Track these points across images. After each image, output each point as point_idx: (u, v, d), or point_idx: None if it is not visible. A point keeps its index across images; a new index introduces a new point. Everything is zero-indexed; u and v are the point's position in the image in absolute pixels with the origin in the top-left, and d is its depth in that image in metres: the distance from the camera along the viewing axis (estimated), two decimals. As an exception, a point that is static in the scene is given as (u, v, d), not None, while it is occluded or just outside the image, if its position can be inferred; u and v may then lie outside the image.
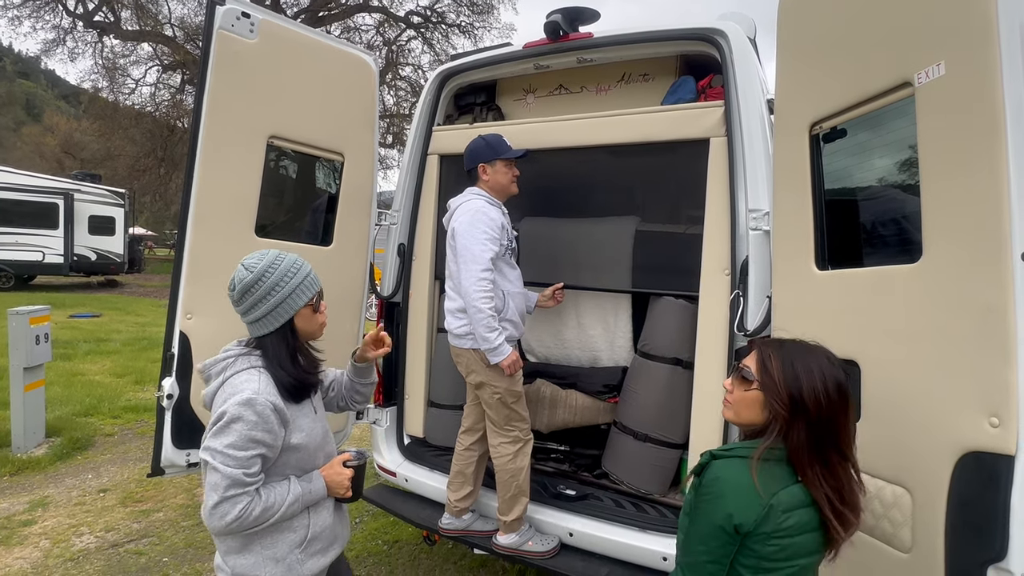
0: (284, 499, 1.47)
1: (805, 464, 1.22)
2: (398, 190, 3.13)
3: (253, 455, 1.41)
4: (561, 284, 2.86)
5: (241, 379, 1.46)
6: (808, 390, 1.23)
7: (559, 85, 3.00)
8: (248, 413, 1.40)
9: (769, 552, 1.19)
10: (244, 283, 1.48)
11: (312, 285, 1.56)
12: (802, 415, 1.22)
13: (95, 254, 17.07)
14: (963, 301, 1.30)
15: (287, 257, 1.55)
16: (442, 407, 3.07)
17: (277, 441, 1.46)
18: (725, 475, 1.23)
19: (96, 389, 6.48)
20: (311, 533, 1.55)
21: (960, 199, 1.31)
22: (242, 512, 1.39)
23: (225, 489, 1.38)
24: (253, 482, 1.42)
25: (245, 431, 1.40)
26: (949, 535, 1.31)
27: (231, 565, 1.50)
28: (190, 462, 2.56)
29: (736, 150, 2.26)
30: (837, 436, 1.23)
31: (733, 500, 1.20)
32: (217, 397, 1.47)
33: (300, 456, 1.54)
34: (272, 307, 1.50)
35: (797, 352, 1.29)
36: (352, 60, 2.87)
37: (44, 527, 3.56)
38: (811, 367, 1.25)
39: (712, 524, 1.21)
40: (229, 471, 1.38)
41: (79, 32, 19.22)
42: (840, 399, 1.24)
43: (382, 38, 21.01)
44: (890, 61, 1.50)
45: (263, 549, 1.49)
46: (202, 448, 1.42)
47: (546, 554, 2.47)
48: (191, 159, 2.45)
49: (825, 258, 1.79)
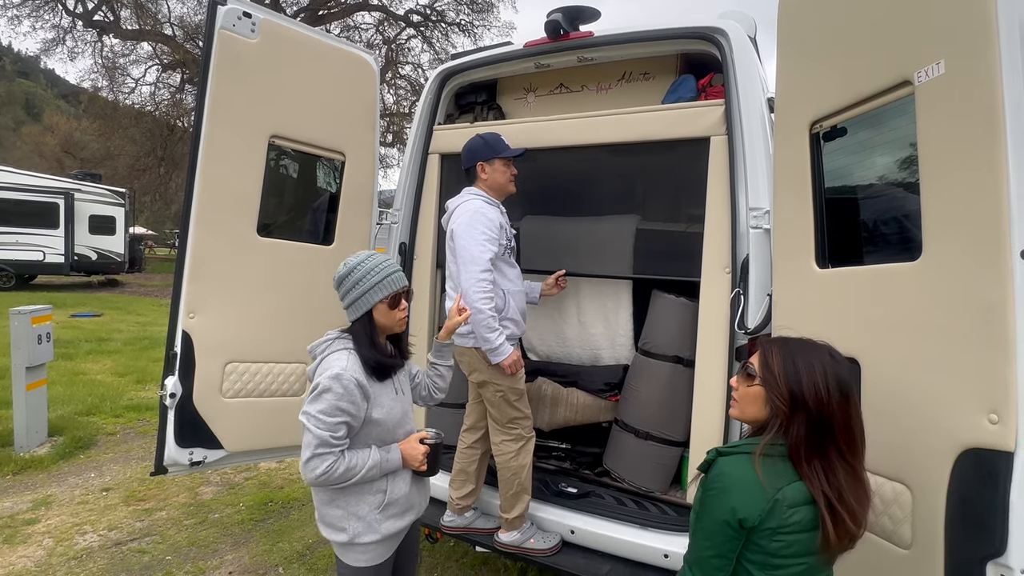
0: (365, 463, 1.72)
1: (803, 459, 1.23)
2: (399, 189, 3.14)
3: (339, 421, 1.68)
4: (563, 271, 2.85)
5: (334, 357, 1.74)
6: (808, 385, 1.24)
7: (560, 84, 3.01)
8: (336, 385, 1.67)
9: (776, 548, 1.20)
10: (339, 275, 1.80)
11: (391, 285, 1.79)
12: (802, 410, 1.23)
13: (96, 254, 17.08)
14: (963, 299, 1.31)
15: (376, 258, 1.82)
16: (444, 406, 3.06)
17: (360, 412, 1.73)
18: (730, 471, 1.24)
19: (98, 388, 6.49)
20: (388, 498, 1.80)
21: (960, 197, 1.31)
22: (328, 468, 1.66)
23: (315, 447, 1.65)
24: (339, 444, 1.68)
25: (333, 400, 1.67)
26: (949, 531, 1.32)
27: (322, 515, 1.81)
28: (193, 461, 2.57)
29: (736, 149, 2.26)
30: (836, 433, 1.23)
31: (738, 495, 1.21)
32: (316, 371, 1.75)
33: (380, 430, 1.80)
34: (355, 298, 1.78)
35: (800, 349, 1.30)
36: (353, 59, 2.88)
37: (47, 526, 3.58)
38: (812, 363, 1.26)
39: (717, 519, 1.22)
40: (319, 432, 1.65)
41: (78, 31, 19.20)
42: (842, 396, 1.24)
43: (382, 37, 20.99)
44: (890, 60, 1.50)
45: (348, 506, 1.77)
46: (301, 412, 1.70)
47: (548, 551, 2.48)
48: (192, 159, 2.46)
49: (825, 256, 1.80)
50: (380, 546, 1.83)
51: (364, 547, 1.80)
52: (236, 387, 2.65)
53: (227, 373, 2.61)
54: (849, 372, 1.29)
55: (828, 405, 1.22)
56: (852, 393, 1.27)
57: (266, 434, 2.76)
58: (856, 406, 1.28)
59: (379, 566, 1.84)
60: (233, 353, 2.62)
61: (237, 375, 2.65)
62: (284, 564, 3.27)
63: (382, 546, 1.83)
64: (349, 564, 1.83)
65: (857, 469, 1.25)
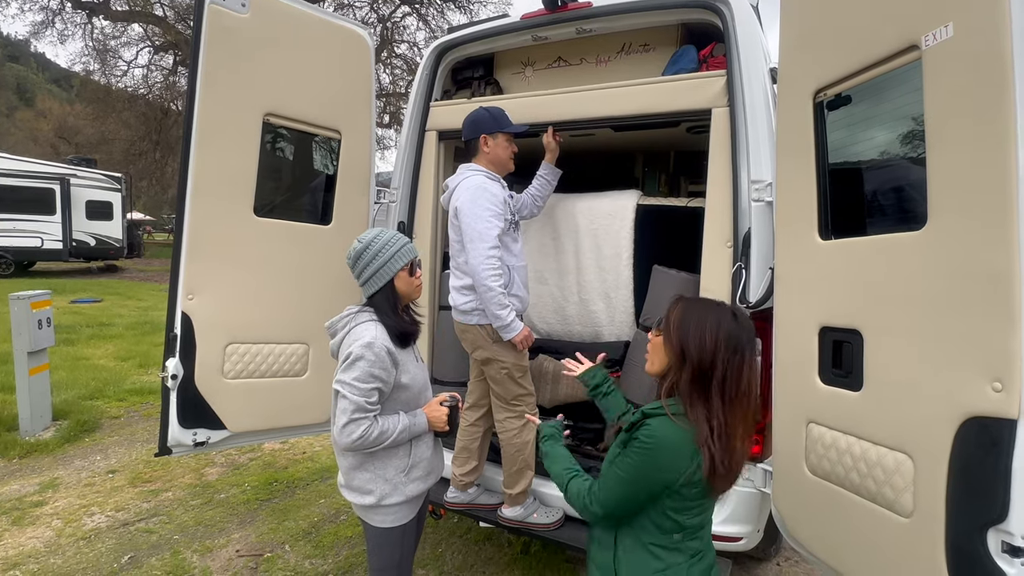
0: (396, 427, 1.83)
1: (687, 401, 1.35)
2: (396, 167, 3.10)
3: (372, 387, 1.78)
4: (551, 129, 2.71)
5: (363, 328, 1.83)
6: (694, 335, 1.36)
7: (558, 58, 2.95)
8: (368, 353, 1.76)
9: (694, 494, 1.36)
10: (356, 251, 1.88)
11: (408, 253, 1.91)
12: (688, 360, 1.36)
13: (94, 239, 17.04)
14: (968, 267, 1.29)
15: (388, 232, 1.92)
16: (446, 384, 3.08)
17: (390, 378, 1.83)
18: (659, 432, 1.35)
19: (101, 373, 6.52)
20: (412, 461, 1.91)
21: (967, 164, 1.29)
22: (364, 432, 1.75)
23: (352, 413, 1.74)
24: (373, 410, 1.79)
25: (367, 368, 1.76)
26: (950, 499, 1.33)
27: (349, 480, 1.90)
28: (196, 441, 2.58)
29: (739, 120, 2.22)
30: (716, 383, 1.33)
31: (665, 458, 1.33)
32: (344, 343, 1.85)
33: (408, 395, 1.91)
34: (376, 269, 1.87)
35: (699, 305, 1.43)
36: (347, 34, 2.82)
37: (55, 507, 3.62)
38: (705, 317, 1.37)
39: (646, 475, 1.35)
40: (355, 398, 1.75)
41: (68, 13, 18.89)
42: (728, 350, 1.34)
43: (376, 15, 20.63)
44: (896, 24, 1.47)
45: (376, 469, 1.87)
46: (335, 381, 1.79)
47: (551, 526, 2.51)
48: (187, 138, 2.42)
49: (828, 227, 1.78)
50: (405, 507, 1.93)
51: (389, 508, 1.90)
52: (237, 368, 2.65)
53: (228, 354, 2.61)
54: (748, 333, 1.38)
55: (710, 355, 1.33)
56: (742, 349, 1.35)
57: (269, 414, 2.77)
58: (747, 363, 1.36)
59: (405, 526, 1.95)
60: (233, 334, 2.62)
61: (238, 356, 2.64)
62: (291, 542, 3.31)
63: (407, 507, 1.94)
64: (376, 526, 1.92)
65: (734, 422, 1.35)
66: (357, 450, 1.82)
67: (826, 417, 1.73)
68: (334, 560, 3.14)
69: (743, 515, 2.21)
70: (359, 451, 1.84)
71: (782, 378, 1.94)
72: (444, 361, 3.10)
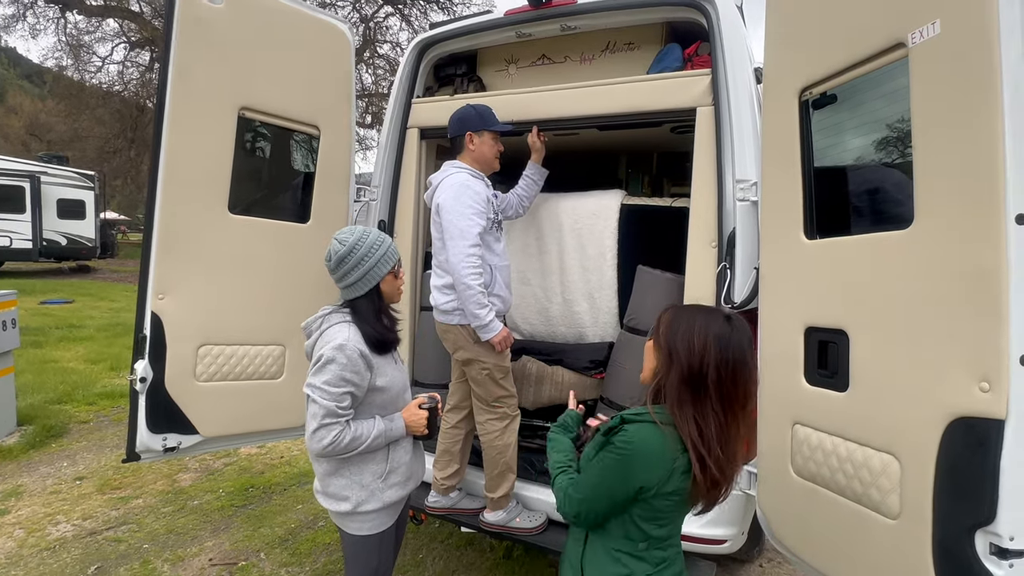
0: (370, 433, 1.76)
1: (674, 404, 1.31)
2: (377, 165, 3.04)
3: (344, 391, 1.71)
4: None
5: (335, 330, 1.76)
6: (682, 339, 1.33)
7: (542, 55, 2.92)
8: (340, 356, 1.70)
9: (665, 506, 1.33)
10: (339, 255, 1.77)
11: (393, 256, 1.84)
12: (676, 363, 1.33)
13: (65, 239, 16.55)
14: (954, 266, 1.28)
15: (372, 232, 1.83)
16: (427, 386, 3.02)
17: (363, 382, 1.76)
18: (636, 439, 1.31)
19: (70, 376, 6.31)
20: (390, 466, 1.85)
21: (954, 162, 1.28)
22: (335, 438, 1.69)
23: (322, 418, 1.68)
24: (344, 414, 1.72)
25: (337, 371, 1.69)
26: (937, 500, 1.31)
27: (324, 485, 1.84)
28: (167, 447, 2.48)
29: (723, 119, 2.21)
30: (710, 388, 1.30)
31: (641, 464, 1.30)
32: (316, 345, 1.78)
33: (384, 397, 1.84)
34: (362, 274, 1.78)
35: (690, 311, 1.41)
36: (325, 28, 2.75)
37: (18, 516, 3.47)
38: (695, 322, 1.35)
39: (617, 482, 1.32)
40: (325, 403, 1.68)
41: (40, 7, 18.39)
42: (719, 347, 1.30)
43: (359, 15, 20.45)
44: (882, 21, 1.46)
45: (351, 475, 1.81)
46: (305, 384, 1.73)
47: (534, 530, 2.46)
48: (157, 132, 2.33)
49: (814, 227, 1.76)
50: (383, 513, 1.87)
51: (366, 515, 1.84)
52: (211, 370, 2.56)
53: (201, 356, 2.52)
54: (742, 338, 1.34)
55: (699, 356, 1.30)
56: (734, 349, 1.32)
57: (243, 418, 2.68)
58: (740, 368, 1.32)
59: (383, 533, 1.89)
60: (206, 335, 2.53)
61: (212, 358, 2.55)
62: (266, 549, 3.22)
63: (384, 513, 1.88)
64: (352, 534, 1.86)
65: (729, 425, 1.31)
66: (329, 456, 1.76)
67: (812, 418, 1.71)
68: (311, 568, 3.06)
69: (727, 517, 2.19)
70: (332, 457, 1.78)
71: (767, 379, 1.92)
72: (425, 362, 3.04)
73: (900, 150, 1.55)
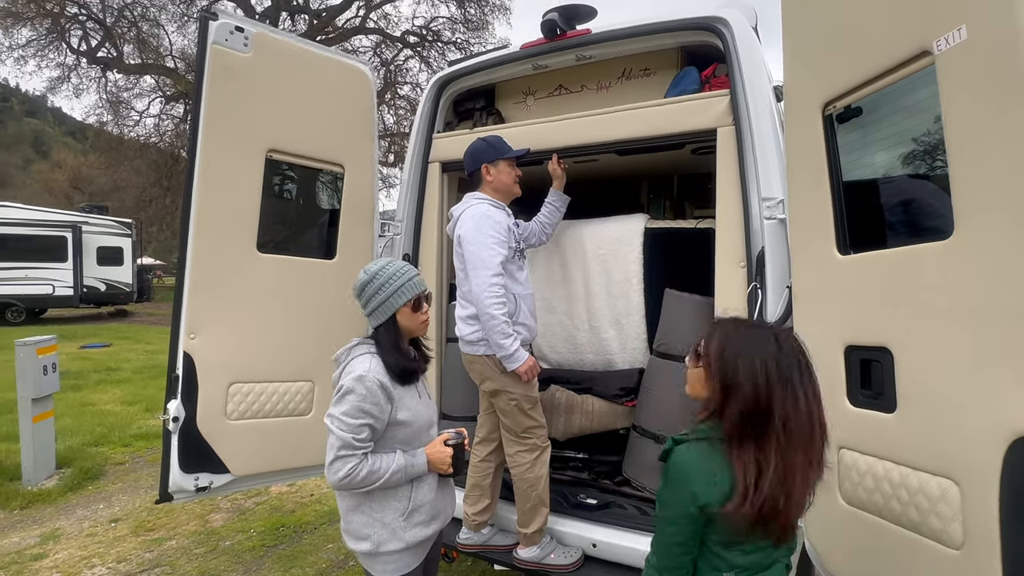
0: (389, 467, 1.70)
1: (733, 441, 1.24)
2: (400, 200, 3.09)
3: (362, 423, 1.67)
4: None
5: (357, 361, 1.74)
6: (742, 373, 1.23)
7: (558, 85, 2.95)
8: (359, 387, 1.67)
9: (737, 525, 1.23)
10: (361, 282, 1.79)
11: (412, 288, 1.80)
12: (733, 396, 1.23)
13: (104, 284, 17.18)
14: (1004, 274, 1.21)
15: (395, 264, 1.82)
16: (455, 419, 2.99)
17: (383, 415, 1.71)
18: (688, 459, 1.26)
19: (107, 418, 6.44)
20: (412, 505, 1.78)
21: (994, 168, 1.23)
22: (351, 471, 1.65)
23: (338, 449, 1.65)
24: (362, 447, 1.68)
25: (356, 402, 1.66)
26: (1005, 527, 1.22)
27: (347, 523, 1.79)
28: (199, 486, 2.49)
29: (745, 138, 2.19)
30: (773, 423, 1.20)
31: (697, 481, 1.24)
32: (341, 376, 1.76)
33: (407, 432, 1.78)
34: (379, 303, 1.78)
35: (740, 333, 1.30)
36: (348, 70, 2.84)
37: (55, 560, 3.50)
38: (749, 351, 1.25)
39: (679, 507, 1.25)
40: (341, 434, 1.65)
41: (83, 68, 19.52)
42: (781, 382, 1.21)
43: (379, 59, 21.18)
44: (905, 30, 1.43)
45: (373, 512, 1.75)
46: (326, 415, 1.71)
47: (569, 567, 2.37)
48: (189, 176, 2.42)
49: (847, 242, 1.71)
50: (406, 555, 1.79)
51: (389, 556, 1.76)
52: (241, 408, 2.57)
53: (231, 394, 2.54)
54: (793, 357, 1.25)
55: (766, 395, 1.21)
56: (794, 378, 1.23)
57: (274, 456, 2.68)
58: (801, 396, 1.22)
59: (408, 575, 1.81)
60: (237, 373, 2.55)
61: (242, 396, 2.57)
62: (297, 591, 3.16)
63: (408, 555, 1.80)
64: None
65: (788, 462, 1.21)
66: (346, 489, 1.71)
67: (859, 442, 1.63)
68: (343, 609, 2.99)
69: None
70: (350, 491, 1.73)
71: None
72: (453, 395, 3.01)
73: (934, 159, 1.50)
